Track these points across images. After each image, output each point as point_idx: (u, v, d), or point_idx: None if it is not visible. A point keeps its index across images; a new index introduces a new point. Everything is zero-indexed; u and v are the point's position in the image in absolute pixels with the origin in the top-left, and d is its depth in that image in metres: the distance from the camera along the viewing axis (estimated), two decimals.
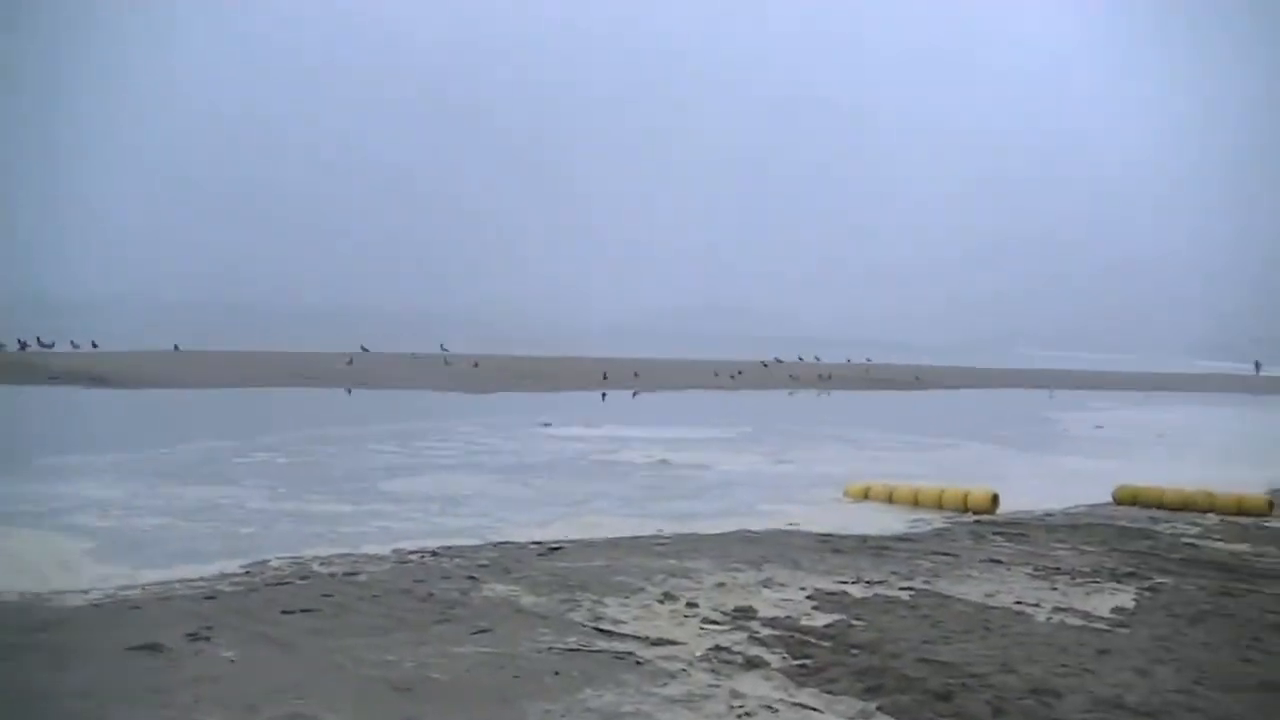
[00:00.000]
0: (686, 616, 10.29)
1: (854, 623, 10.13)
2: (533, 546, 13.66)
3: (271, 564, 12.35)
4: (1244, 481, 21.63)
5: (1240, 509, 18.41)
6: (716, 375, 55.36)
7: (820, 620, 10.23)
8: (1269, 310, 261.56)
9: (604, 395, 44.09)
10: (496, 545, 13.71)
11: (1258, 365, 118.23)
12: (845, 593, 11.38)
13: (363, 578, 11.58)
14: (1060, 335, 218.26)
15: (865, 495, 19.11)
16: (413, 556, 12.87)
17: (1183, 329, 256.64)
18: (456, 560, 12.58)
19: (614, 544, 14.05)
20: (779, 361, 68.41)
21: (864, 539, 14.89)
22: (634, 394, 45.23)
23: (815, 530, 15.54)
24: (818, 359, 73.45)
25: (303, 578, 11.58)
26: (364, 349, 57.52)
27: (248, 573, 11.85)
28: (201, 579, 11.45)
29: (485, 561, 12.52)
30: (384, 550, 13.19)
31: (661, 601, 10.79)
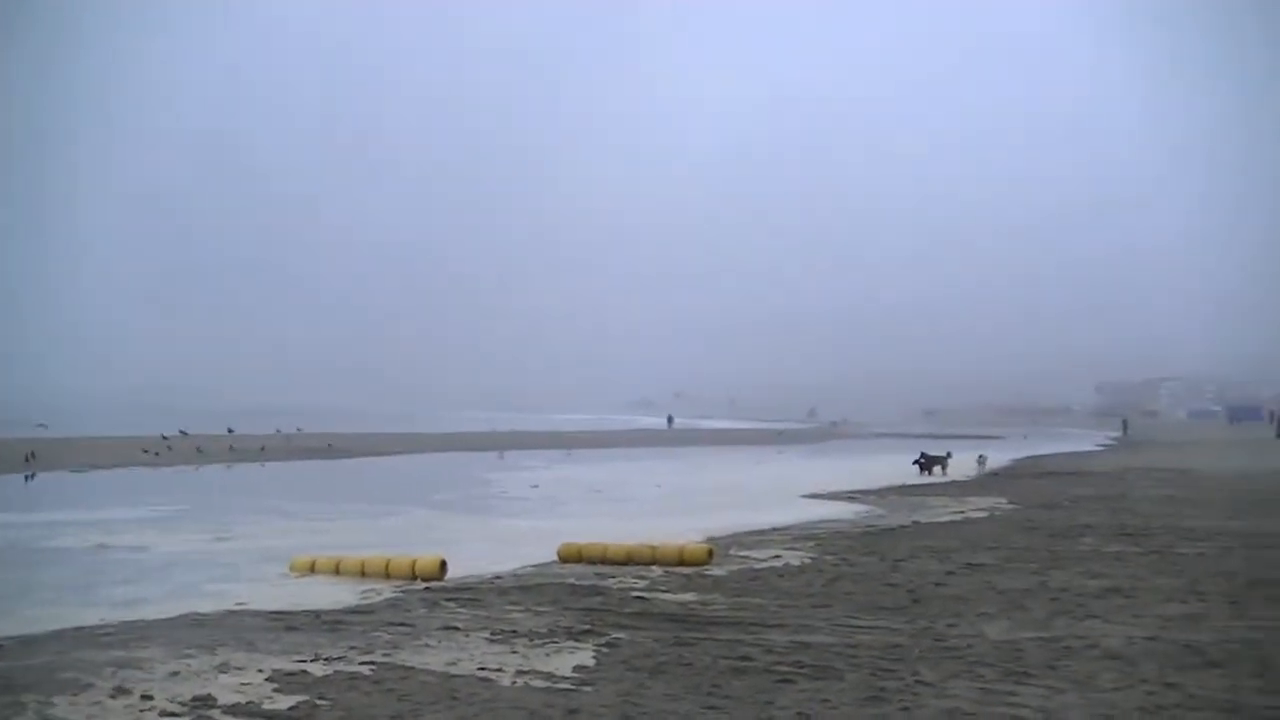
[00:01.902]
0: (142, 711, 9.90)
1: (319, 702, 10.10)
2: None
3: None
4: (680, 532, 23.18)
5: (682, 560, 19.24)
6: (146, 451, 52.81)
7: (283, 703, 10.13)
8: (681, 367, 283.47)
9: (28, 477, 41.23)
10: None
11: (670, 419, 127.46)
12: (306, 672, 11.29)
13: None
14: (509, 396, 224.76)
15: (311, 569, 18.88)
16: None
17: (618, 386, 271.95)
18: None
19: (57, 637, 13.26)
20: (184, 434, 65.63)
21: (317, 614, 14.75)
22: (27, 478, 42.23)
23: (266, 608, 15.24)
24: (231, 430, 71.05)
25: None
26: None
27: None
28: None
29: None
30: None
31: (114, 696, 10.32)
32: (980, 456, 50.14)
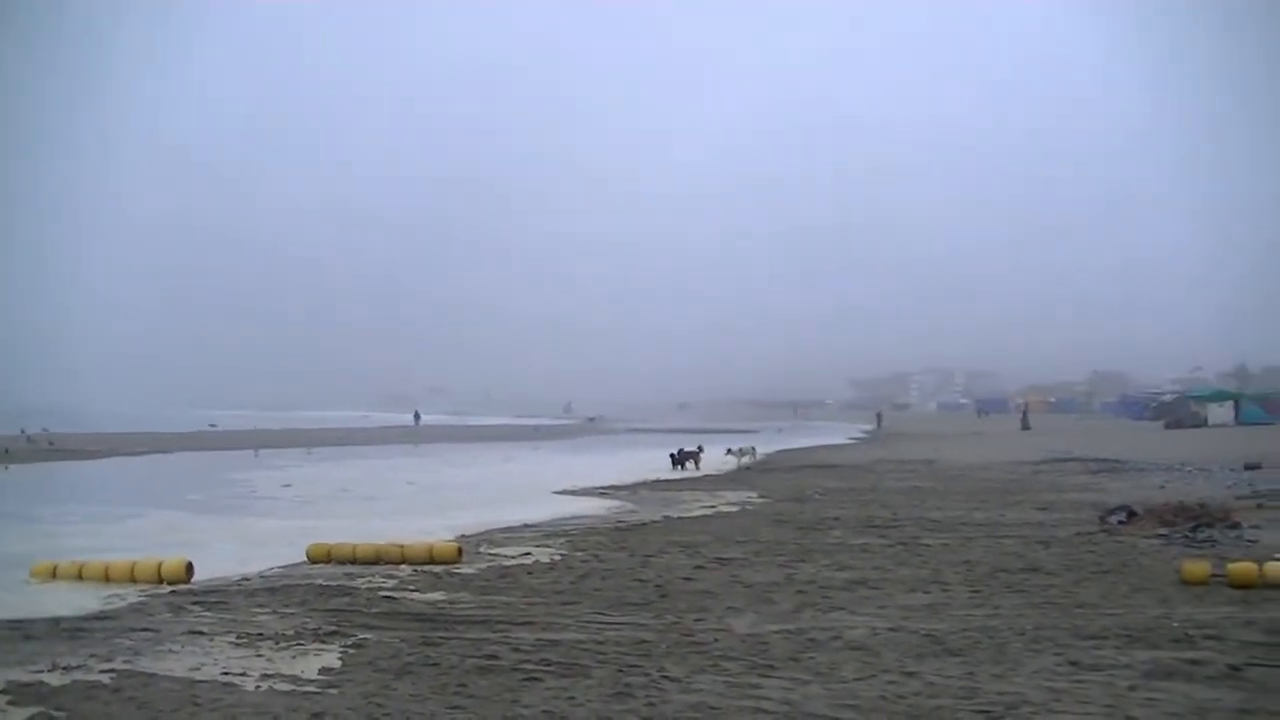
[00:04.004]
0: None
1: (55, 714, 9.91)
2: None
3: None
4: (431, 530, 23.16)
5: (431, 558, 19.18)
6: None
7: (17, 716, 9.90)
8: (437, 361, 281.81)
9: None
10: None
11: (417, 416, 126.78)
12: (43, 682, 11.02)
13: None
14: (265, 395, 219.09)
15: (53, 574, 18.26)
16: None
17: (375, 383, 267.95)
18: None
19: None
20: None
21: (57, 622, 14.33)
22: None
23: (3, 618, 14.63)
24: None
25: None
26: None
27: None
28: None
29: None
30: None
31: None
32: (751, 448, 51.40)
